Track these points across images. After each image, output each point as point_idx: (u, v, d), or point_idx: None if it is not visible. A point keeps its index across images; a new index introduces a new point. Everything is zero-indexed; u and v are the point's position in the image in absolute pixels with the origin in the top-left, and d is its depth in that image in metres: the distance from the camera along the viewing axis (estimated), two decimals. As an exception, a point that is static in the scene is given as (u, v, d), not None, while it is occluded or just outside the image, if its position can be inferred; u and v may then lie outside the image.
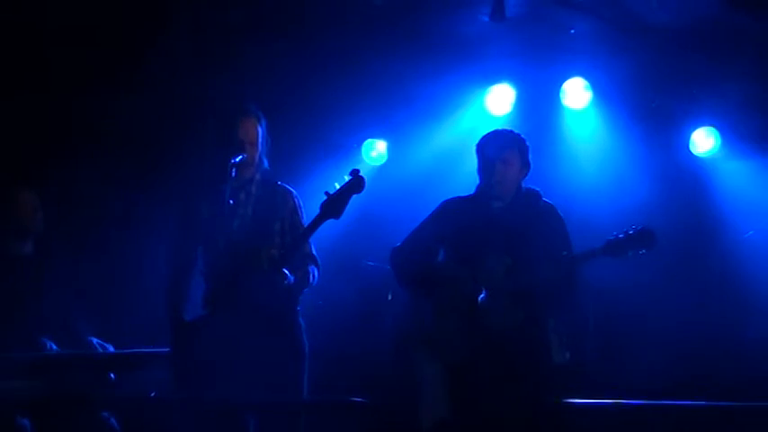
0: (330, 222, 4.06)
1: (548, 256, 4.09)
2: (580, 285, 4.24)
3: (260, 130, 4.29)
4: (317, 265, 4.31)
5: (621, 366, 5.79)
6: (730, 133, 6.15)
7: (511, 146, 4.25)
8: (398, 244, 4.39)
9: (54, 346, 4.63)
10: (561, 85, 6.25)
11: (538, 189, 4.33)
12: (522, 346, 4.06)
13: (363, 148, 6.62)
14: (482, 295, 4.12)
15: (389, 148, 6.61)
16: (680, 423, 4.32)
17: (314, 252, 4.32)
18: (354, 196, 4.02)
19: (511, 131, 4.35)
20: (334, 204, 3.98)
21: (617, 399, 4.57)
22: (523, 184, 4.33)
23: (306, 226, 4.13)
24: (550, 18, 5.98)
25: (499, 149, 4.23)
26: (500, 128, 4.44)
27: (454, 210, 4.31)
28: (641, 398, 4.51)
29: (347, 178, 4.01)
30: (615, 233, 4.06)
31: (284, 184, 4.38)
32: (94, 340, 4.80)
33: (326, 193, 3.99)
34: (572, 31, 6.06)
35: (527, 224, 4.18)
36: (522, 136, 4.35)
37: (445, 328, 4.17)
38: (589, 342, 5.83)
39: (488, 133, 4.35)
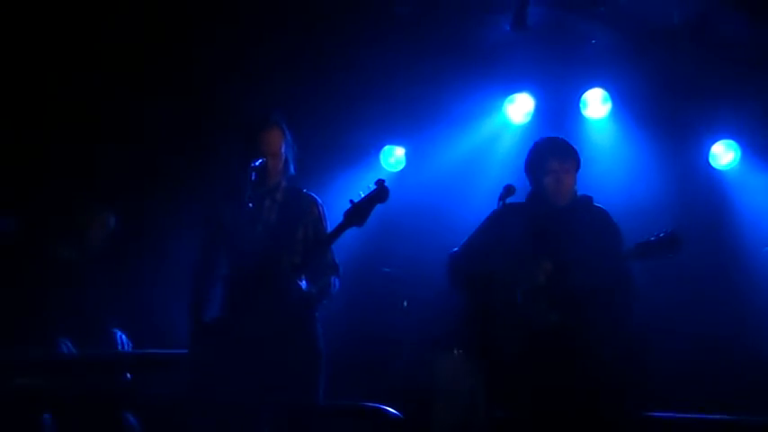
0: (349, 229, 4.09)
1: (596, 259, 4.14)
2: (634, 289, 4.27)
3: (283, 139, 4.33)
4: (337, 275, 4.34)
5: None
6: (750, 146, 6.13)
7: (573, 156, 4.40)
8: (455, 249, 4.53)
9: (70, 346, 4.67)
10: (581, 94, 6.25)
11: (590, 195, 4.41)
12: (562, 348, 4.13)
13: (382, 155, 6.63)
14: (524, 297, 4.21)
15: (408, 155, 6.61)
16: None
17: (335, 260, 4.34)
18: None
19: (566, 141, 4.48)
20: (357, 213, 4.01)
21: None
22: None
23: (329, 233, 4.16)
24: (571, 28, 6.01)
25: (563, 160, 4.37)
26: (552, 136, 4.54)
27: (509, 216, 4.39)
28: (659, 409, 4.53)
29: (372, 187, 4.03)
30: (646, 237, 4.08)
31: (310, 192, 4.41)
32: (118, 333, 4.85)
33: (351, 201, 4.02)
34: (593, 42, 6.07)
35: (584, 228, 4.28)
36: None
37: (492, 328, 4.27)
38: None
39: (545, 143, 4.46)
